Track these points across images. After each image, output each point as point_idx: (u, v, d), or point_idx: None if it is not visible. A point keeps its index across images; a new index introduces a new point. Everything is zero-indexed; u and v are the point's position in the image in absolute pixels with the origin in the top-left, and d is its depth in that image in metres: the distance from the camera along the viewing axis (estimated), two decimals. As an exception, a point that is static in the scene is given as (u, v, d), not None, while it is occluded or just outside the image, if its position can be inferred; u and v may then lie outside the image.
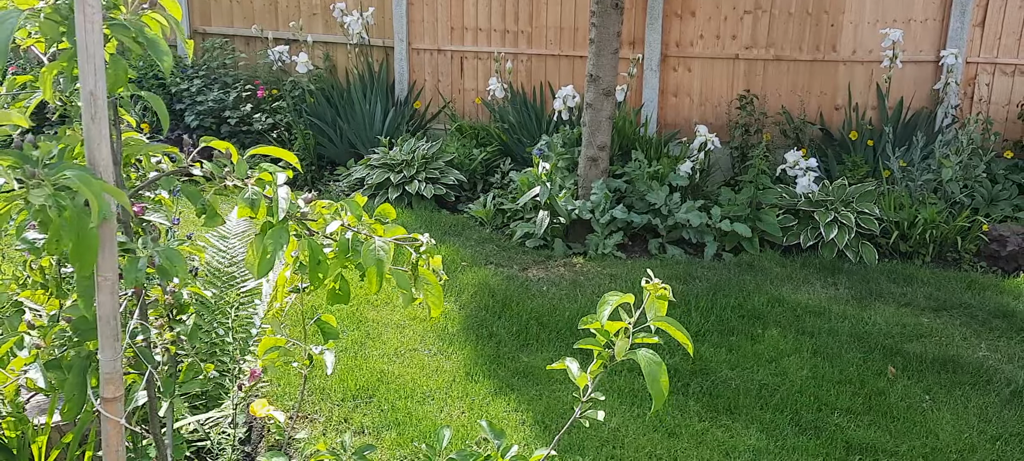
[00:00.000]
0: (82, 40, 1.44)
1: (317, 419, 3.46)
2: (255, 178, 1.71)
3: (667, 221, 5.57)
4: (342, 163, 7.10)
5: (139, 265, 1.53)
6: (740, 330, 4.36)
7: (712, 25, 6.61)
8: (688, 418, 3.53)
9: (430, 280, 1.76)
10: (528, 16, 7.14)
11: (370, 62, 7.61)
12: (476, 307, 4.59)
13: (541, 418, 3.51)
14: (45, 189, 1.30)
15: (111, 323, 1.57)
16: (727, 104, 6.70)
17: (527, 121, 6.91)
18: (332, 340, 2.13)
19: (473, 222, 6.09)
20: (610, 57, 5.53)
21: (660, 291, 1.70)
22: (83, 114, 1.47)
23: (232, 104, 7.58)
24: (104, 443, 1.65)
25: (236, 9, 8.22)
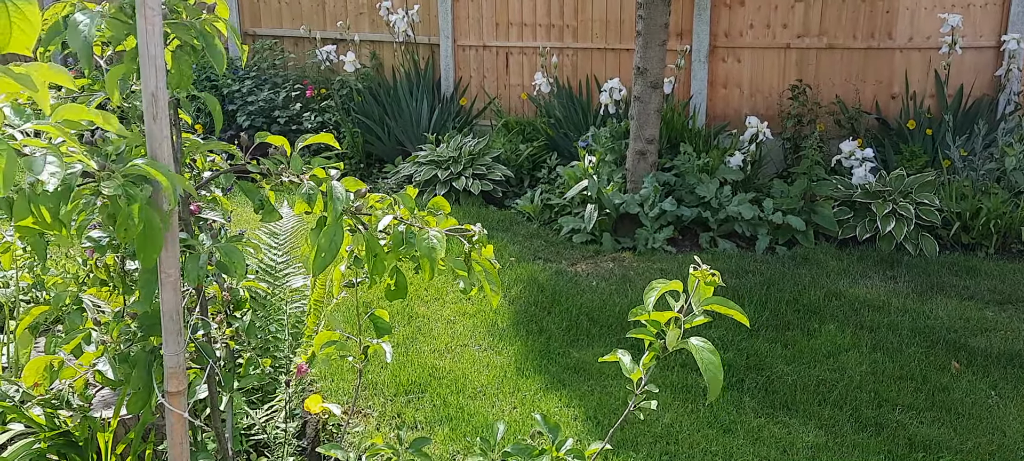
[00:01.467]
0: (143, 42, 1.46)
1: (370, 414, 3.48)
2: (310, 173, 1.72)
3: (718, 214, 5.49)
4: (390, 160, 7.15)
5: (200, 261, 1.55)
6: (796, 325, 4.28)
7: (762, 14, 6.49)
8: (743, 414, 3.47)
9: (487, 269, 1.75)
10: (573, 10, 7.10)
11: (416, 60, 7.65)
12: (525, 302, 4.58)
13: (593, 413, 3.48)
14: (116, 180, 1.32)
15: (174, 319, 1.60)
16: (778, 94, 6.57)
17: (573, 115, 6.88)
18: (386, 335, 2.14)
19: (520, 217, 6.08)
20: (657, 49, 5.46)
21: (708, 277, 1.67)
22: (145, 114, 1.49)
23: (282, 104, 7.69)
24: (169, 436, 1.68)
25: (285, 10, 8.34)
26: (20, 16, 1.17)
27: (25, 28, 1.17)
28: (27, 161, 1.21)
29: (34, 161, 1.22)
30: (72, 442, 2.42)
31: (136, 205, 1.33)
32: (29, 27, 1.18)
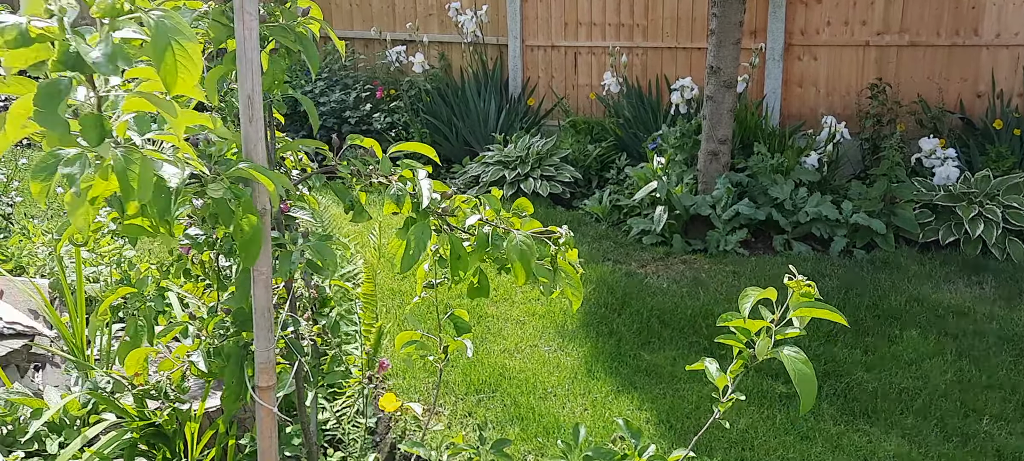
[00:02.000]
0: (241, 45, 1.50)
1: (442, 412, 3.51)
2: (398, 174, 1.74)
3: (792, 216, 5.37)
4: (457, 161, 7.20)
5: (292, 259, 1.58)
6: (876, 331, 4.15)
7: (840, 11, 6.32)
8: (822, 422, 3.39)
9: (569, 273, 1.75)
10: (644, 9, 7.04)
11: (484, 60, 7.68)
12: (595, 304, 4.55)
13: (666, 417, 3.44)
14: (222, 183, 1.36)
15: (266, 315, 1.63)
16: (857, 93, 6.39)
17: (642, 115, 6.81)
18: (466, 334, 2.15)
19: (589, 218, 6.05)
20: (731, 48, 5.37)
21: (804, 287, 1.63)
22: (241, 115, 1.53)
23: (352, 104, 7.81)
24: (258, 429, 1.72)
25: (356, 12, 8.47)
26: (185, 57, 1.20)
27: (190, 68, 1.20)
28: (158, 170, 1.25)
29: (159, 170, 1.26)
30: (161, 432, 2.51)
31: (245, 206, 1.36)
32: (193, 67, 1.20)
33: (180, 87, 1.21)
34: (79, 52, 1.14)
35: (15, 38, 1.14)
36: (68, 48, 1.15)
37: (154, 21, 1.17)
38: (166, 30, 1.17)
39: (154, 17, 1.17)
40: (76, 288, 3.16)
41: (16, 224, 4.83)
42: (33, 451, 2.57)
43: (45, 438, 2.58)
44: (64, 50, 1.15)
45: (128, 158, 1.21)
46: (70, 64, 1.16)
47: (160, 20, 1.18)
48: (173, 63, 1.18)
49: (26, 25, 1.15)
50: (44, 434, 2.60)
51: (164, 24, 1.18)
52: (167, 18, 1.17)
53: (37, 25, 1.16)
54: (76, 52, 1.14)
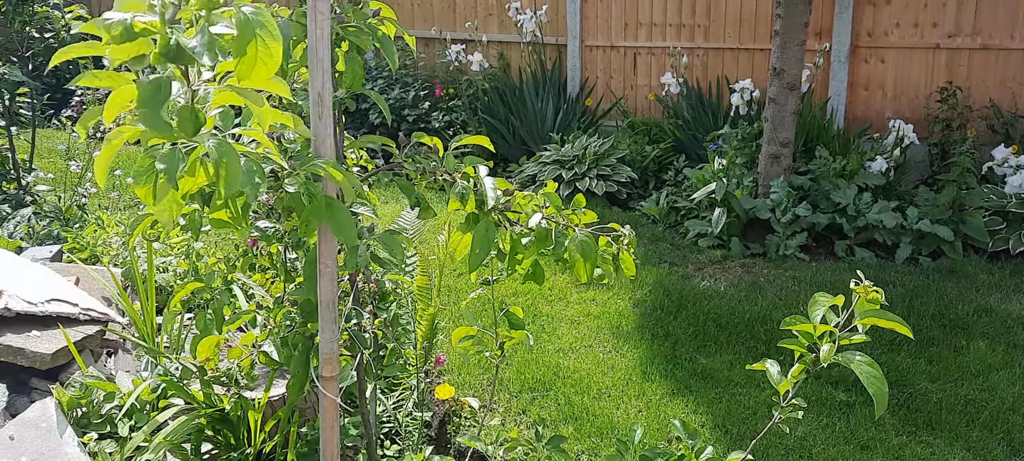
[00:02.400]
0: (312, 45, 1.55)
1: (496, 408, 3.54)
2: (461, 172, 1.77)
3: (855, 222, 5.26)
4: (514, 160, 7.23)
5: (360, 252, 1.62)
6: (941, 340, 4.05)
7: (910, 12, 6.17)
8: (883, 431, 3.32)
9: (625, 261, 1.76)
10: (706, 9, 6.97)
11: (543, 60, 7.70)
12: (651, 306, 4.53)
13: (721, 422, 3.42)
14: (298, 178, 1.41)
15: (331, 308, 1.68)
16: (925, 97, 6.23)
17: (702, 116, 6.75)
18: (520, 331, 2.17)
19: (645, 220, 6.02)
20: (796, 49, 5.29)
21: (871, 293, 1.61)
22: (311, 112, 1.58)
23: (411, 102, 7.91)
24: (322, 418, 1.76)
25: (417, 12, 8.57)
26: (265, 52, 1.26)
27: (267, 61, 1.26)
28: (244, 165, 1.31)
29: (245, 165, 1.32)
30: (226, 418, 2.59)
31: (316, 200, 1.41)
32: (271, 61, 1.26)
33: (254, 80, 1.27)
34: (180, 43, 1.21)
35: (120, 33, 1.21)
36: (169, 40, 1.22)
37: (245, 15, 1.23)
38: (253, 24, 1.23)
39: (246, 11, 1.23)
40: (147, 277, 3.28)
41: (90, 214, 5.02)
42: (105, 433, 2.68)
43: (117, 421, 2.69)
44: (165, 42, 1.22)
45: (221, 149, 1.27)
46: (171, 56, 1.23)
47: (250, 14, 1.24)
48: (254, 56, 1.24)
49: (131, 20, 1.22)
50: (115, 417, 2.71)
51: (252, 18, 1.24)
52: (256, 14, 1.24)
53: (140, 20, 1.24)
54: (177, 43, 1.21)
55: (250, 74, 1.24)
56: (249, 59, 1.23)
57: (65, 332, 2.90)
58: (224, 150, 1.25)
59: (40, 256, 3.91)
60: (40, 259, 3.86)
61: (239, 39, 1.23)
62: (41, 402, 2.64)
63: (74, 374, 2.85)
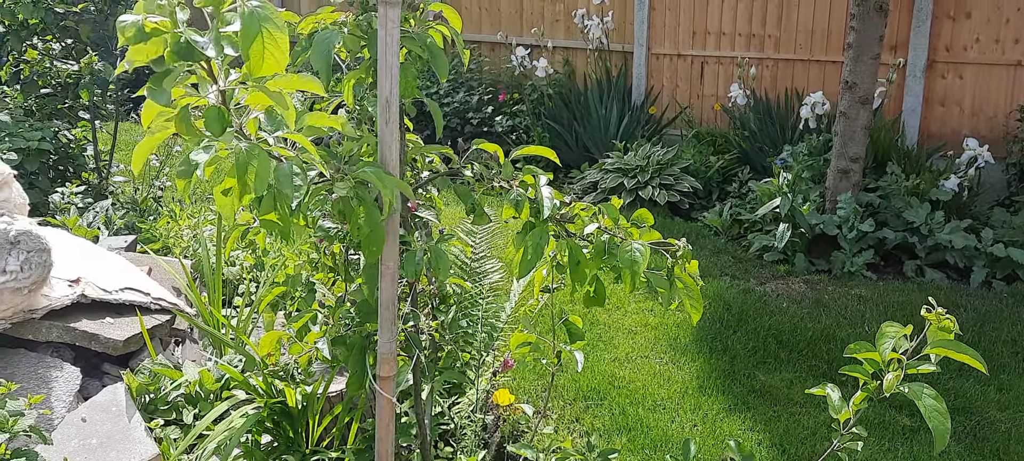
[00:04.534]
0: (381, 52, 1.58)
1: (550, 415, 3.55)
2: (519, 180, 1.78)
3: (926, 241, 5.10)
4: (576, 166, 7.22)
5: (417, 257, 1.65)
6: (1013, 368, 3.90)
7: (991, 27, 5.96)
8: (948, 460, 3.21)
9: (689, 285, 1.74)
10: (776, 19, 6.85)
11: (608, 67, 7.67)
12: (710, 319, 4.48)
13: (779, 441, 3.35)
14: (347, 182, 1.45)
15: (390, 308, 1.71)
16: (1005, 115, 6.00)
17: (769, 128, 6.63)
18: (579, 341, 2.18)
19: (707, 231, 5.95)
20: (869, 62, 5.16)
21: (943, 321, 1.56)
22: (379, 118, 1.61)
23: (475, 106, 7.97)
24: (377, 417, 1.80)
25: (484, 17, 8.63)
26: (273, 43, 1.32)
27: (276, 54, 1.33)
28: (276, 166, 1.36)
29: (282, 167, 1.36)
30: (285, 411, 2.65)
31: (363, 207, 1.45)
32: (279, 53, 1.33)
33: (267, 68, 1.33)
34: (189, 41, 1.27)
35: (134, 34, 1.28)
36: (179, 39, 1.28)
37: (248, 9, 1.29)
38: (258, 18, 1.29)
39: (249, 6, 1.28)
40: (215, 269, 3.38)
41: (165, 207, 5.21)
42: (171, 420, 2.78)
43: (182, 408, 2.79)
44: (176, 41, 1.29)
45: (250, 152, 1.32)
46: (182, 53, 1.29)
47: (254, 9, 1.30)
48: (261, 48, 1.29)
49: (143, 21, 1.29)
50: (181, 404, 2.80)
51: (257, 12, 1.30)
52: (260, 8, 1.30)
53: (152, 20, 1.30)
54: (187, 41, 1.27)
55: (261, 66, 1.30)
56: (257, 51, 1.29)
57: (141, 319, 3.01)
58: (253, 152, 1.30)
59: (115, 246, 4.07)
60: (115, 249, 4.01)
61: (245, 33, 1.28)
62: (112, 387, 2.75)
63: (144, 361, 2.96)
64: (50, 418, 2.61)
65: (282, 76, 1.43)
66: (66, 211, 4.57)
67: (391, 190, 1.48)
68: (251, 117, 1.45)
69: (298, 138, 1.44)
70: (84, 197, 4.92)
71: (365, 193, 1.50)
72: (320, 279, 2.06)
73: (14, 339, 2.90)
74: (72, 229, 4.18)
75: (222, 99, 1.38)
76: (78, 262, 3.23)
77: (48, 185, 4.91)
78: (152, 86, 1.33)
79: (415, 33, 1.74)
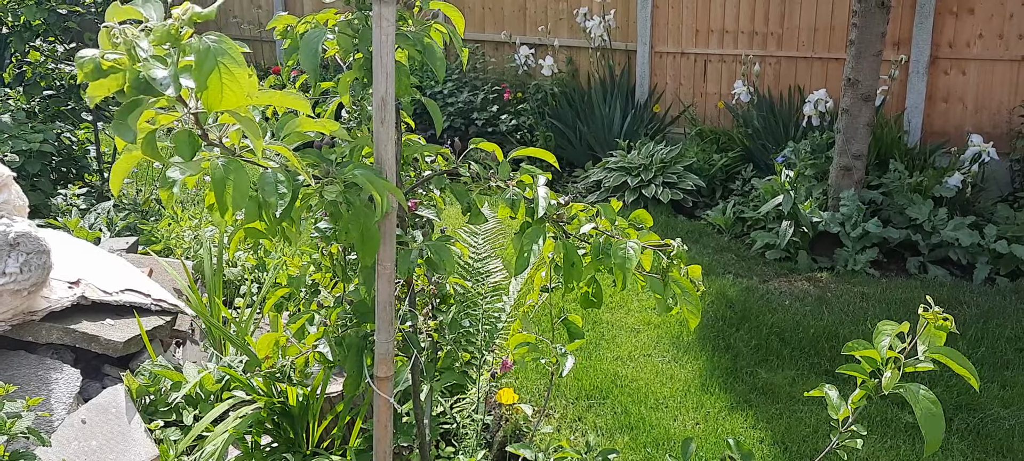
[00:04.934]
0: (377, 51, 1.58)
1: (552, 415, 3.54)
2: (516, 179, 1.78)
3: (930, 238, 5.09)
4: (580, 165, 7.22)
5: (411, 257, 1.65)
6: (1016, 365, 3.88)
7: (994, 23, 5.93)
8: (951, 457, 3.20)
9: (688, 289, 1.74)
10: (779, 16, 6.83)
11: (611, 65, 7.66)
12: (713, 317, 4.47)
13: (781, 439, 3.34)
14: (337, 186, 1.44)
15: (387, 309, 1.71)
16: (1008, 112, 5.97)
17: (772, 126, 6.62)
18: (578, 340, 2.17)
19: (711, 229, 5.94)
20: (871, 59, 5.14)
21: (940, 320, 1.55)
22: (374, 117, 1.61)
23: (480, 106, 7.97)
24: (375, 418, 1.80)
25: (487, 16, 8.63)
26: (231, 78, 1.29)
27: (235, 88, 1.29)
28: (261, 176, 1.35)
29: (266, 178, 1.35)
30: (285, 411, 2.65)
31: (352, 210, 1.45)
32: (238, 88, 1.29)
33: (226, 103, 1.30)
34: (147, 77, 1.25)
35: (91, 70, 1.27)
36: (137, 74, 1.27)
37: (203, 45, 1.26)
38: (214, 53, 1.26)
39: (205, 42, 1.26)
40: (216, 271, 3.38)
41: (166, 209, 5.21)
42: (171, 421, 2.78)
43: (182, 409, 2.79)
44: (134, 76, 1.27)
45: (227, 168, 1.31)
46: (140, 88, 1.28)
47: (209, 45, 1.27)
48: (219, 83, 1.26)
49: (99, 59, 1.27)
50: (182, 406, 2.81)
51: (212, 48, 1.27)
52: (216, 42, 1.27)
53: (110, 57, 1.28)
54: (144, 78, 1.25)
55: (220, 101, 1.27)
56: (214, 88, 1.26)
57: (139, 321, 3.01)
58: (230, 168, 1.29)
59: (117, 247, 4.08)
60: (116, 250, 4.02)
61: (198, 69, 1.25)
62: (112, 388, 2.75)
63: (144, 362, 2.96)
64: (50, 420, 2.61)
65: (267, 93, 1.42)
66: (68, 213, 4.58)
67: (381, 192, 1.48)
68: (233, 129, 1.44)
69: (279, 149, 1.44)
70: (86, 199, 4.93)
71: (355, 195, 1.49)
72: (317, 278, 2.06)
73: (14, 341, 2.90)
74: (74, 231, 4.19)
75: (195, 120, 1.37)
76: (78, 264, 3.23)
77: (50, 187, 4.93)
78: (118, 121, 1.31)
79: (410, 32, 1.73)
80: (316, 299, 1.96)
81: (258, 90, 1.33)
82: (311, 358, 2.06)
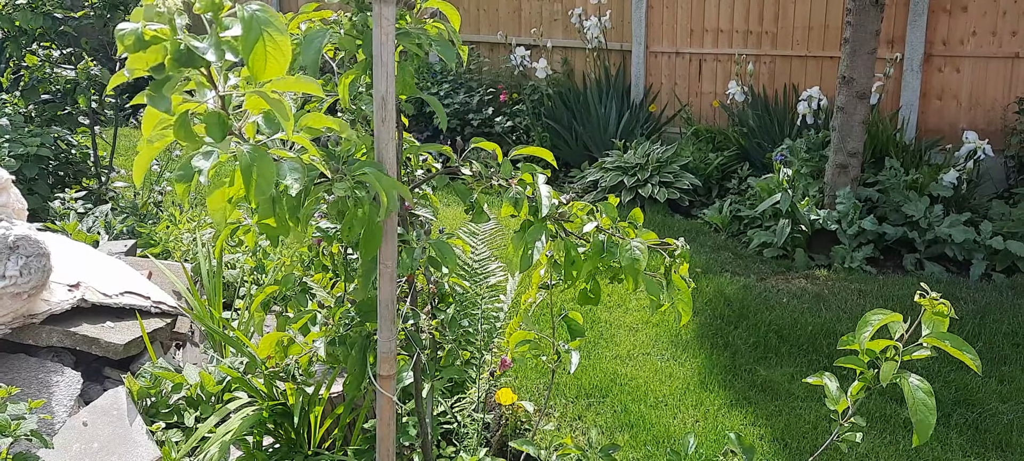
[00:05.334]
0: (377, 51, 1.59)
1: (552, 413, 3.55)
2: (517, 178, 1.79)
3: (926, 235, 5.11)
4: (576, 165, 7.23)
5: (414, 255, 1.66)
6: (1014, 359, 3.90)
7: (987, 20, 5.96)
8: (949, 452, 3.22)
9: (680, 287, 1.75)
10: (773, 16, 6.85)
11: (606, 66, 7.68)
12: (711, 315, 4.48)
13: (780, 435, 3.36)
14: (347, 182, 1.45)
15: (389, 307, 1.71)
16: (1003, 108, 6.01)
17: (768, 125, 6.64)
18: (579, 338, 2.18)
19: (707, 228, 5.95)
20: (866, 57, 5.17)
21: (937, 305, 1.56)
22: (375, 116, 1.62)
23: (476, 107, 7.98)
24: (378, 416, 1.80)
25: (482, 17, 8.64)
26: (274, 46, 1.32)
27: (278, 57, 1.32)
28: (279, 166, 1.36)
29: (281, 169, 1.36)
30: (287, 412, 2.66)
31: (363, 207, 1.45)
32: (281, 57, 1.32)
33: (269, 72, 1.32)
34: (189, 47, 1.26)
35: (133, 42, 1.27)
36: (179, 46, 1.27)
37: (248, 14, 1.28)
38: (259, 22, 1.28)
39: (249, 10, 1.27)
40: (215, 273, 3.39)
41: (165, 211, 5.21)
42: (172, 422, 2.78)
43: (183, 411, 2.79)
44: (176, 48, 1.28)
45: (253, 155, 1.32)
46: (183, 60, 1.28)
47: (254, 13, 1.29)
48: (263, 52, 1.29)
49: (141, 29, 1.28)
50: (182, 407, 2.81)
51: (257, 16, 1.28)
52: (260, 11, 1.28)
53: (151, 28, 1.29)
54: (187, 48, 1.27)
55: (264, 70, 1.29)
56: (258, 55, 1.28)
57: (141, 323, 3.02)
58: (256, 155, 1.30)
59: (115, 250, 4.08)
60: (115, 253, 4.02)
61: (245, 37, 1.27)
62: (113, 391, 2.75)
63: (144, 365, 2.96)
64: (51, 423, 2.61)
65: (279, 78, 1.42)
66: (66, 216, 4.58)
67: (389, 190, 1.48)
68: (249, 121, 1.44)
69: (300, 140, 1.45)
70: (84, 202, 4.92)
71: (363, 193, 1.50)
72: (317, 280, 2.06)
73: (15, 344, 2.90)
74: (72, 234, 4.18)
75: (222, 104, 1.38)
76: (78, 267, 3.23)
77: (48, 191, 4.92)
78: (152, 93, 1.32)
79: (412, 29, 1.74)
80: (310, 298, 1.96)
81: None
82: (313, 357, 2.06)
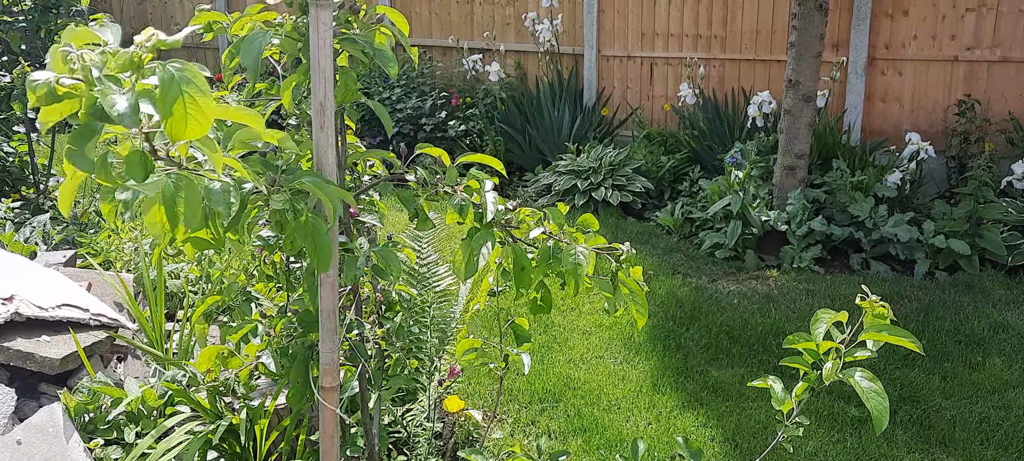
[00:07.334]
0: (314, 56, 1.55)
1: (505, 420, 3.53)
2: (464, 185, 1.76)
3: (871, 235, 5.21)
4: (530, 169, 7.23)
5: (358, 264, 1.62)
6: (956, 356, 3.99)
7: (928, 24, 6.11)
8: (895, 448, 3.28)
9: (635, 290, 1.74)
10: (722, 20, 6.94)
11: (559, 70, 7.70)
12: (663, 317, 4.51)
13: (731, 436, 3.38)
14: (284, 194, 1.41)
15: (331, 318, 1.68)
16: (943, 110, 6.16)
17: (718, 128, 6.72)
18: (526, 344, 2.16)
19: (660, 230, 5.99)
20: (811, 61, 5.26)
21: (877, 308, 1.58)
22: (313, 122, 1.58)
23: (429, 111, 7.93)
24: (321, 429, 1.76)
25: (434, 21, 8.60)
26: (196, 108, 1.22)
27: (199, 119, 1.22)
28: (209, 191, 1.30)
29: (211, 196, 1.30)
30: (232, 427, 2.59)
31: (303, 218, 1.41)
32: (203, 118, 1.22)
33: (190, 133, 1.23)
34: (103, 106, 1.17)
35: (45, 94, 1.19)
36: (94, 102, 1.20)
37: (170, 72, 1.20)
38: (178, 82, 1.19)
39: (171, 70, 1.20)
40: (157, 284, 3.30)
41: (106, 221, 5.07)
42: (112, 439, 2.69)
43: (124, 427, 2.70)
44: (90, 104, 1.20)
45: (177, 184, 1.25)
46: (97, 116, 1.20)
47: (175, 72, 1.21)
48: (183, 113, 1.19)
49: (54, 82, 1.20)
50: (123, 423, 2.72)
51: (177, 76, 1.20)
52: (181, 70, 1.20)
53: (65, 82, 1.21)
54: (101, 106, 1.18)
55: (183, 132, 1.20)
56: (179, 116, 1.19)
57: (75, 337, 2.92)
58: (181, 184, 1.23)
59: (54, 261, 3.95)
60: (54, 264, 3.89)
61: (163, 99, 1.18)
62: (49, 407, 2.66)
63: (83, 379, 2.87)
64: (-16, 442, 2.51)
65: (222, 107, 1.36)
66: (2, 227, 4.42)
67: (333, 200, 1.45)
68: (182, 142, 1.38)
69: (230, 162, 1.39)
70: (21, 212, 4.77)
71: (303, 203, 1.46)
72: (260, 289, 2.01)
73: (-55, 361, 2.79)
74: (8, 245, 4.04)
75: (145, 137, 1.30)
76: (12, 279, 3.12)
77: (-17, 200, 4.75)
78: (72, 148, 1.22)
79: (356, 35, 1.70)
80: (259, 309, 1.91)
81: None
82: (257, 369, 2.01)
